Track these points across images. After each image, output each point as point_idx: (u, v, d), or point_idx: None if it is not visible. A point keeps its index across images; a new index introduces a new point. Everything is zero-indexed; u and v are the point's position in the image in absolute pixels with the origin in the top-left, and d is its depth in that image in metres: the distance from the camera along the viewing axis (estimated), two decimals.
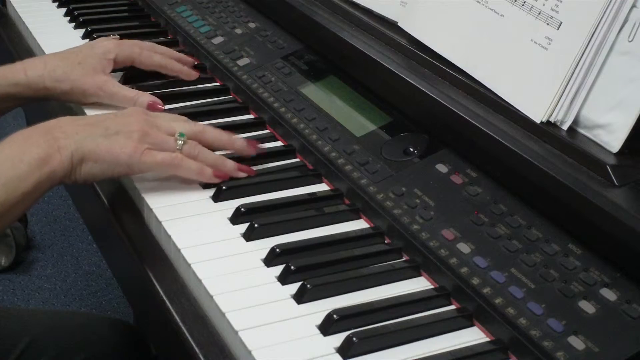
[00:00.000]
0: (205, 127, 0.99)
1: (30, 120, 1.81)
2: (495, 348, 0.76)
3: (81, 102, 1.12)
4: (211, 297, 0.80)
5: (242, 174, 0.97)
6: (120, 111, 0.98)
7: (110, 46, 1.15)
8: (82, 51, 1.14)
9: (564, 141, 0.86)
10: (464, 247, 0.84)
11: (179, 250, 0.86)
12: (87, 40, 1.34)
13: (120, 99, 1.10)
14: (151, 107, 1.08)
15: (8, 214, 0.86)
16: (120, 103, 1.10)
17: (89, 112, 1.10)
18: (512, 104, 0.92)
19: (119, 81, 1.19)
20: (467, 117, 0.92)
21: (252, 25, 1.29)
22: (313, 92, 1.11)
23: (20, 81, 1.08)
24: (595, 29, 0.86)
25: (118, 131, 0.91)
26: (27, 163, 0.86)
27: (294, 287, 0.81)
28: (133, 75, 1.19)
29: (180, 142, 0.93)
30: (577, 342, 0.73)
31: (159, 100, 1.10)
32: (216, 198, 0.94)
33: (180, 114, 1.02)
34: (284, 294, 0.81)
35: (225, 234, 0.89)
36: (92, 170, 0.91)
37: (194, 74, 1.21)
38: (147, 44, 1.20)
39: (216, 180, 0.95)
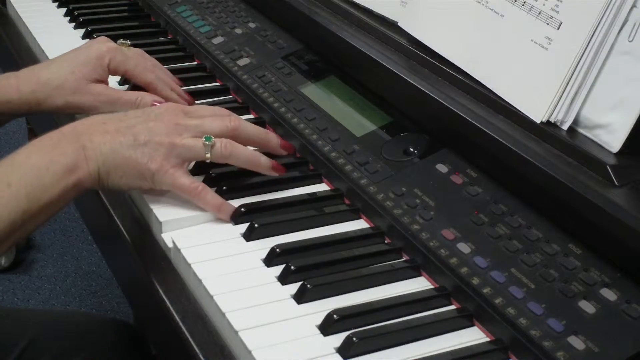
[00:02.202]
0: (241, 124, 0.95)
1: (30, 120, 1.80)
2: (495, 348, 0.76)
3: (80, 113, 1.07)
4: (211, 297, 0.80)
5: (275, 174, 0.96)
6: (152, 109, 0.95)
7: (103, 50, 1.09)
8: (77, 57, 1.08)
9: (564, 141, 0.86)
10: (464, 247, 0.84)
11: (179, 250, 0.86)
12: (87, 40, 1.34)
13: (122, 105, 1.06)
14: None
15: (30, 222, 0.84)
16: (122, 108, 1.05)
17: None
18: (512, 104, 0.92)
19: (119, 82, 1.19)
20: (467, 117, 0.92)
21: (252, 25, 1.29)
22: (313, 92, 1.11)
23: (13, 99, 1.04)
24: (595, 29, 0.86)
25: (147, 142, 0.89)
26: (53, 172, 0.85)
27: (294, 287, 0.81)
28: None
29: (208, 147, 0.90)
30: (577, 342, 0.73)
31: (161, 99, 1.08)
32: None
33: None
34: (284, 294, 0.81)
35: (225, 234, 0.89)
36: (119, 182, 0.89)
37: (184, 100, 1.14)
38: (149, 62, 1.14)
39: (230, 214, 0.92)
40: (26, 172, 0.84)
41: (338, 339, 0.76)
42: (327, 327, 0.77)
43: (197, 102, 1.16)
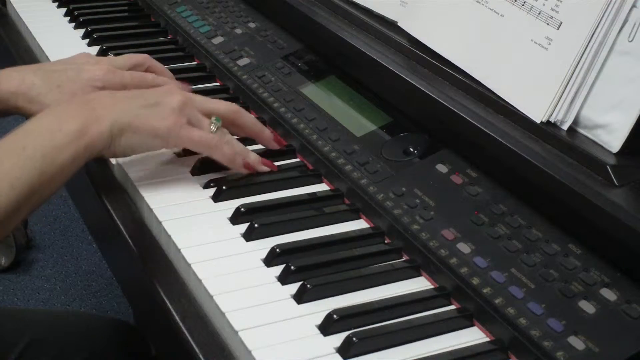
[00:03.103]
0: (240, 110, 0.99)
1: None
2: (495, 348, 0.76)
3: None
4: (211, 297, 0.80)
5: (265, 168, 0.98)
6: (158, 87, 0.98)
7: (99, 75, 1.04)
8: (67, 72, 1.04)
9: (564, 141, 0.86)
10: (464, 247, 0.84)
11: (179, 250, 0.86)
12: (87, 40, 1.34)
13: None
14: None
15: (46, 186, 0.84)
16: None
17: None
18: (512, 104, 0.92)
19: None
20: (467, 117, 0.92)
21: (252, 25, 1.29)
22: (313, 92, 1.11)
23: None
24: (595, 29, 0.86)
25: (158, 102, 0.91)
26: (65, 133, 0.85)
27: (294, 287, 0.81)
28: None
29: (213, 127, 0.93)
30: (577, 342, 0.73)
31: None
32: (216, 198, 0.94)
33: None
34: (284, 294, 0.81)
35: (225, 234, 0.89)
36: (131, 142, 0.90)
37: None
38: (137, 72, 1.09)
39: (244, 170, 0.96)
40: (39, 135, 0.85)
41: (338, 339, 0.76)
42: (327, 327, 0.77)
43: None
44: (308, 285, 0.80)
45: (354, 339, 0.74)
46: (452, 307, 0.82)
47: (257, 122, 1.02)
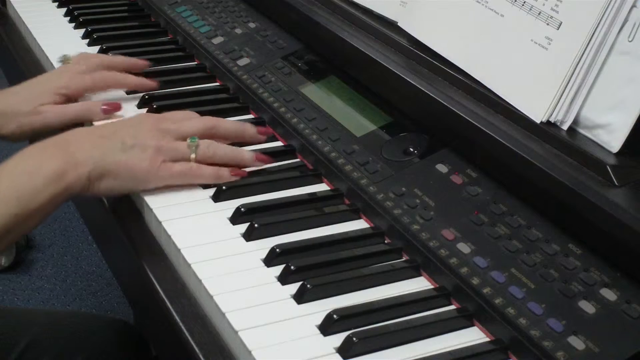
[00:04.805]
0: (217, 122, 0.99)
1: None
2: (495, 348, 0.76)
3: (32, 136, 1.08)
4: (211, 297, 0.80)
5: (261, 164, 0.99)
6: (129, 119, 0.99)
7: (64, 82, 1.10)
8: (34, 86, 1.10)
9: (564, 141, 0.86)
10: (464, 247, 0.84)
11: (179, 250, 0.86)
12: (87, 40, 1.34)
13: (71, 117, 1.07)
14: (106, 112, 1.07)
15: (21, 226, 0.86)
16: (73, 121, 1.07)
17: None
18: (512, 104, 0.92)
19: None
20: (467, 117, 0.92)
21: (252, 25, 1.29)
22: (313, 92, 1.11)
23: None
24: (595, 29, 0.86)
25: (134, 145, 0.91)
26: (42, 177, 0.86)
27: (294, 287, 0.81)
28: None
29: (193, 148, 0.94)
30: (577, 342, 0.73)
31: (112, 102, 1.09)
32: (216, 198, 0.94)
33: None
34: (284, 294, 0.81)
35: (225, 234, 0.89)
36: (110, 185, 0.91)
37: (150, 84, 1.16)
38: (100, 61, 1.16)
39: (235, 179, 0.96)
40: (16, 177, 0.86)
41: (338, 339, 0.76)
42: (327, 327, 0.77)
43: (196, 102, 1.16)
44: (308, 285, 0.80)
45: (354, 339, 0.74)
46: (452, 307, 0.82)
47: (236, 126, 1.01)
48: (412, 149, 0.97)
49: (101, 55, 1.23)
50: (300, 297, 0.80)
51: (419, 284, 0.84)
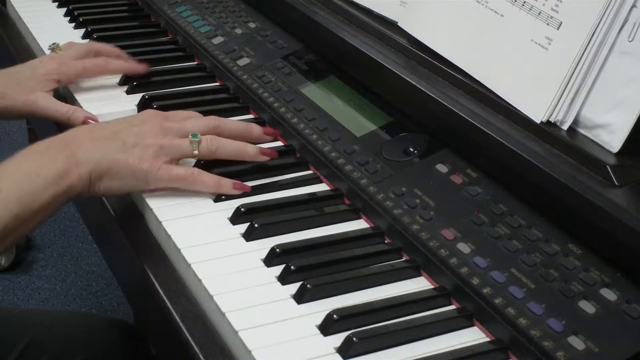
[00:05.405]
0: (221, 121, 0.98)
1: (31, 120, 1.80)
2: (495, 348, 0.76)
3: (21, 118, 1.12)
4: (211, 297, 0.80)
5: (265, 158, 0.98)
6: (133, 117, 0.98)
7: (53, 66, 1.12)
8: (23, 71, 1.12)
9: (564, 141, 0.86)
10: (464, 247, 0.84)
11: (179, 250, 0.86)
12: (87, 40, 1.34)
13: (53, 115, 1.09)
14: (87, 122, 1.08)
15: (22, 227, 0.85)
16: (55, 119, 1.09)
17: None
18: (512, 104, 0.92)
19: (119, 82, 1.20)
20: (467, 117, 0.92)
21: (252, 25, 1.29)
22: (313, 92, 1.11)
23: None
24: (595, 29, 0.86)
25: (135, 144, 0.91)
26: (43, 178, 0.86)
27: (294, 287, 0.81)
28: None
29: (195, 143, 0.93)
30: (577, 342, 0.73)
31: (94, 116, 1.09)
32: (216, 198, 0.94)
33: None
34: (284, 294, 0.81)
35: (225, 234, 0.89)
36: (110, 185, 0.91)
37: (139, 68, 1.19)
38: (89, 47, 1.19)
39: (236, 192, 0.94)
40: (17, 178, 0.86)
41: (338, 339, 0.76)
42: (327, 327, 0.77)
43: (196, 102, 1.16)
44: (308, 285, 0.80)
45: (354, 339, 0.74)
46: (452, 307, 0.82)
47: (241, 126, 1.01)
48: (412, 149, 0.97)
49: (91, 42, 1.26)
50: (300, 297, 0.80)
51: (419, 284, 0.84)
